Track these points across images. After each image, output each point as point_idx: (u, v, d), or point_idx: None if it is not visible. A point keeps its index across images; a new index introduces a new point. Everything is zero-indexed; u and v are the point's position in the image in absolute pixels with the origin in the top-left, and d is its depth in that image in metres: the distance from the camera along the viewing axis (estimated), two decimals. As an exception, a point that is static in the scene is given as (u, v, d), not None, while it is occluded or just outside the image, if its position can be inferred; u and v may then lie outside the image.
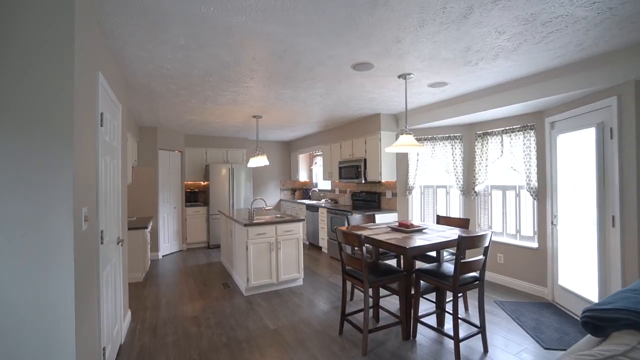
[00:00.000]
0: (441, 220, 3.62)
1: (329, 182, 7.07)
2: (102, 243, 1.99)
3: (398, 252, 2.47)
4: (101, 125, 2.00)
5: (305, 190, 8.01)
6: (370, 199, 5.53)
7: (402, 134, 3.04)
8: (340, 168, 5.85)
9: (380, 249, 3.24)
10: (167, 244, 5.96)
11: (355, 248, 2.89)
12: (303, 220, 4.21)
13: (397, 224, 3.25)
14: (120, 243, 2.66)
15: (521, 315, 3.04)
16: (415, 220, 4.98)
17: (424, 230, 3.02)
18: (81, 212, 1.61)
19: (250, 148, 7.52)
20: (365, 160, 5.25)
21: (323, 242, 5.99)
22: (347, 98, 3.95)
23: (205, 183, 6.90)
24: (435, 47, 2.43)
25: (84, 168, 1.67)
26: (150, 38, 2.22)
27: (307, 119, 5.22)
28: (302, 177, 7.80)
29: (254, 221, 3.93)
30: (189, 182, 6.80)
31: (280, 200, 8.12)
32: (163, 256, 5.81)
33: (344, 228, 3.24)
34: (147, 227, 4.42)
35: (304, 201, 7.05)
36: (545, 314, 3.05)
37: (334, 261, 5.39)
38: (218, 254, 6.01)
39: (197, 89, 3.44)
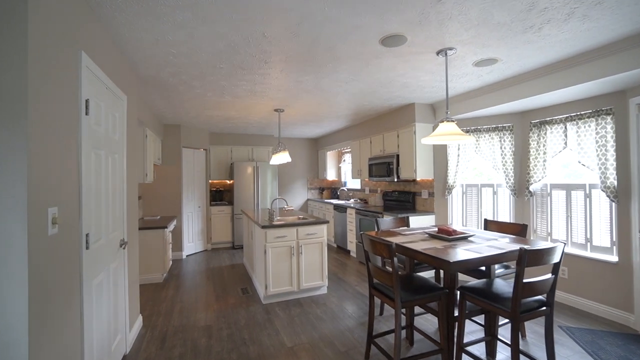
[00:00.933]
0: (491, 225, 3.04)
1: (359, 180, 6.61)
2: (87, 248, 1.74)
3: (438, 267, 1.98)
4: (86, 114, 1.75)
5: (333, 190, 7.60)
6: (404, 199, 4.99)
7: (443, 122, 2.52)
8: (370, 165, 5.37)
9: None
10: (192, 244, 5.86)
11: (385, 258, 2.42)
12: (327, 222, 3.81)
13: (437, 229, 2.73)
14: (124, 246, 2.44)
15: (600, 349, 2.39)
16: (456, 224, 4.38)
17: (470, 239, 2.48)
18: (46, 213, 1.34)
19: (276, 145, 7.26)
20: (397, 156, 4.72)
21: (351, 245, 5.55)
22: (376, 84, 3.48)
23: (231, 182, 6.75)
24: (486, 6, 1.90)
25: (53, 161, 1.41)
26: (142, 13, 1.94)
27: (332, 111, 4.81)
28: (330, 175, 7.41)
29: (274, 223, 3.60)
30: (215, 181, 6.69)
31: (308, 199, 7.79)
32: (187, 256, 5.71)
33: (372, 233, 2.79)
34: (166, 227, 4.28)
35: (332, 201, 6.65)
36: (635, 350, 2.37)
37: (363, 267, 4.93)
38: (242, 255, 5.80)
39: (209, 79, 3.17)
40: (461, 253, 2.03)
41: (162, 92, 3.59)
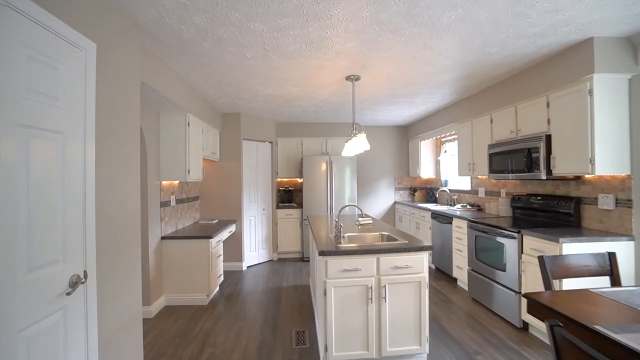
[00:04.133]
0: None
1: (468, 178, 4.74)
2: None
3: None
4: None
5: (429, 190, 5.86)
6: (555, 209, 3.04)
7: None
8: (490, 155, 3.55)
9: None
10: (254, 253, 5.00)
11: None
12: (430, 249, 2.30)
13: None
14: (75, 287, 1.47)
15: None
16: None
17: None
18: None
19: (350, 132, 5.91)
20: (547, 137, 2.84)
21: (459, 272, 3.82)
22: (516, 5, 1.79)
23: (302, 180, 5.72)
24: None
25: None
26: None
27: (431, 71, 3.18)
28: (426, 172, 5.68)
29: (340, 246, 2.28)
30: (283, 179, 5.76)
31: (395, 202, 6.21)
32: (248, 267, 4.87)
33: (539, 297, 1.20)
34: (211, 237, 3.40)
35: (428, 205, 4.95)
36: None
37: (478, 308, 3.19)
38: (309, 271, 4.67)
39: (234, 18, 2.03)
40: None
41: (184, 54, 2.64)
